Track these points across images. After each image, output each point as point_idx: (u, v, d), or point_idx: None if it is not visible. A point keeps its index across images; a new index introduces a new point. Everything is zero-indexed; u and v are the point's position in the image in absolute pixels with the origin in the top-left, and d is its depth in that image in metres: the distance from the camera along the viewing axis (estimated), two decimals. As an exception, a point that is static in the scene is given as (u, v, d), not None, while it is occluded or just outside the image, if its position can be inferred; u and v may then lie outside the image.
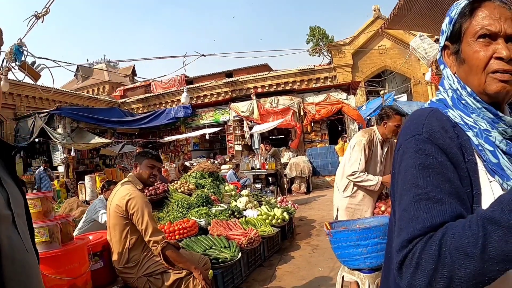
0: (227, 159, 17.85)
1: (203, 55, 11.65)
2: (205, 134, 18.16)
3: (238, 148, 19.77)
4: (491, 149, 1.13)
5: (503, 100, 1.21)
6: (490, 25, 1.15)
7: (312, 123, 18.70)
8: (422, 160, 1.09)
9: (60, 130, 16.46)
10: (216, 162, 17.04)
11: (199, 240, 5.34)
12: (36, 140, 16.63)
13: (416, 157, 1.10)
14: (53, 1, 6.19)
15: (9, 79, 10.43)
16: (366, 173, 4.40)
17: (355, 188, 4.54)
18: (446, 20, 1.27)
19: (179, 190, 7.55)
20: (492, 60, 1.15)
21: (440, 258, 0.92)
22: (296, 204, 9.20)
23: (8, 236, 1.32)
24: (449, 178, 1.07)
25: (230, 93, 21.54)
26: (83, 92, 28.36)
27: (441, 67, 1.33)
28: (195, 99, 22.15)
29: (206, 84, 22.52)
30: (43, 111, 17.19)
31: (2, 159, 1.47)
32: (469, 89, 1.20)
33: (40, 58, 8.02)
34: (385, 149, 4.62)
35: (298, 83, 21.14)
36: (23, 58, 6.97)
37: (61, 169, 16.77)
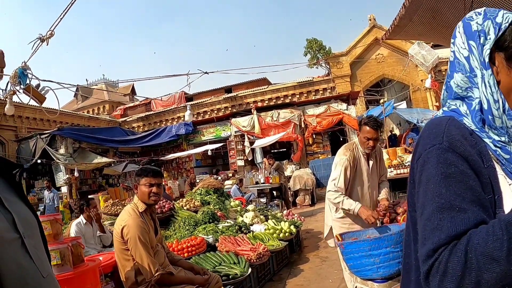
0: (230, 175, 17.86)
1: (206, 72, 11.69)
2: (207, 150, 18.18)
3: (241, 163, 19.78)
4: (508, 157, 1.13)
5: None
6: None
7: (314, 135, 18.77)
8: (444, 170, 1.09)
9: (62, 150, 16.46)
10: (219, 178, 17.04)
11: (208, 257, 5.33)
12: (39, 161, 16.61)
13: (438, 167, 1.10)
14: (58, 24, 6.24)
15: (14, 102, 10.45)
16: (343, 195, 4.19)
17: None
18: (488, 23, 1.21)
19: (185, 208, 7.54)
20: None
21: (466, 264, 0.93)
22: (302, 217, 9.19)
23: (16, 261, 1.26)
24: (471, 186, 1.07)
25: (230, 109, 21.56)
26: (83, 112, 28.40)
27: (487, 72, 1.21)
28: (195, 116, 22.15)
29: (206, 100, 22.55)
30: (44, 132, 17.16)
31: (4, 178, 1.42)
32: (507, 105, 1.17)
33: (45, 80, 8.07)
34: (371, 163, 4.43)
35: (298, 96, 21.17)
36: (27, 81, 6.98)
37: (64, 189, 16.71)
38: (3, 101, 13.32)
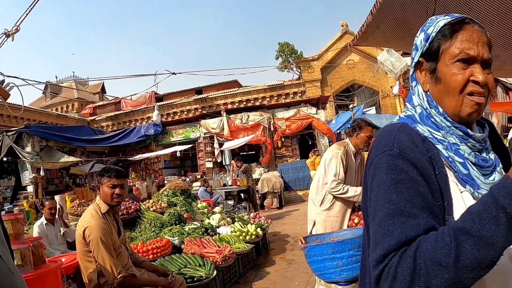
0: (199, 176, 17.79)
1: (173, 73, 11.64)
2: (176, 151, 18.05)
3: (210, 165, 19.69)
4: (461, 161, 1.16)
5: (472, 122, 1.24)
6: (470, 49, 1.17)
7: (283, 138, 18.80)
8: (394, 176, 1.11)
9: (28, 148, 16.08)
10: (187, 179, 16.95)
11: (173, 259, 5.31)
12: (4, 159, 16.20)
13: (388, 173, 1.13)
14: (23, 19, 6.13)
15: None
16: (345, 185, 4.48)
17: (333, 200, 4.60)
18: (421, 36, 1.29)
19: (151, 209, 7.49)
20: (468, 83, 1.17)
21: (415, 270, 0.95)
22: (269, 220, 9.22)
23: None
24: (421, 192, 1.09)
25: (200, 110, 21.44)
26: (52, 109, 27.86)
27: (413, 83, 1.33)
28: (165, 116, 21.97)
29: (176, 101, 22.35)
30: (11, 129, 16.71)
31: None
32: (441, 109, 1.23)
33: (10, 76, 7.90)
34: (358, 161, 4.74)
35: (268, 99, 21.20)
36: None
37: (30, 189, 16.33)
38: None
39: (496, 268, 0.93)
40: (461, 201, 1.13)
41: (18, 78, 8.49)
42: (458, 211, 1.10)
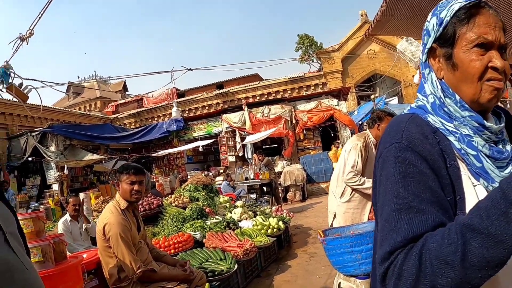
0: (221, 171, 17.83)
1: (190, 69, 11.68)
2: (198, 146, 18.14)
3: (232, 159, 19.76)
4: (474, 153, 1.12)
5: (490, 109, 1.21)
6: (487, 34, 1.13)
7: (305, 131, 18.73)
8: (402, 169, 1.08)
9: (53, 148, 16.36)
10: (210, 174, 17.03)
11: (194, 253, 5.36)
12: (29, 159, 16.52)
13: (396, 166, 1.10)
14: (36, 24, 6.23)
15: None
16: (363, 176, 4.44)
17: (353, 192, 4.57)
18: (433, 20, 1.23)
19: (173, 204, 7.56)
20: (487, 69, 1.13)
21: (421, 268, 0.92)
22: (292, 213, 9.22)
23: (1, 256, 1.31)
24: (430, 187, 1.06)
25: (221, 105, 21.52)
26: (75, 109, 28.28)
27: (425, 71, 1.28)
28: (187, 112, 22.13)
29: (197, 97, 22.49)
30: (35, 129, 17.06)
31: None
32: (458, 97, 1.18)
33: (28, 79, 8.04)
34: None
35: (289, 92, 21.16)
36: (10, 80, 6.97)
37: (55, 187, 16.65)
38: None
39: (508, 266, 0.87)
40: (474, 195, 1.09)
41: (36, 80, 8.66)
42: (470, 206, 1.03)
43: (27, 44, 6.57)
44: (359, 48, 23.76)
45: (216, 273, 4.84)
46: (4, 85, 6.81)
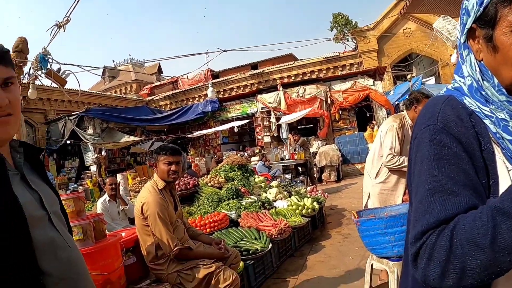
0: (257, 151, 17.86)
1: (224, 50, 11.71)
2: (234, 127, 18.22)
3: (267, 139, 19.80)
4: (510, 138, 1.10)
5: None
6: None
7: (340, 111, 18.57)
8: (437, 151, 1.09)
9: (90, 131, 16.73)
10: (245, 154, 17.12)
11: (230, 232, 5.44)
12: (68, 142, 16.97)
13: (431, 148, 1.10)
14: (72, 11, 6.36)
15: (37, 85, 10.72)
16: (402, 156, 4.42)
17: (388, 173, 4.57)
18: (473, 0, 1.16)
19: (209, 184, 7.67)
20: None
21: (451, 249, 0.93)
22: (326, 193, 9.21)
23: (46, 234, 1.37)
24: (464, 169, 1.06)
25: (256, 85, 21.48)
26: (111, 92, 28.77)
27: (464, 52, 1.24)
28: (222, 93, 22.22)
29: (232, 77, 22.51)
30: (73, 113, 17.51)
31: (29, 162, 1.52)
32: (496, 81, 1.14)
33: (65, 64, 8.24)
34: None
35: (324, 71, 20.93)
36: (48, 66, 7.16)
37: (93, 168, 17.05)
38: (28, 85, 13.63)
39: None
40: (508, 179, 1.07)
41: (73, 65, 8.88)
42: (504, 190, 1.01)
43: (64, 30, 6.72)
44: (395, 27, 23.28)
45: (250, 252, 4.91)
46: (43, 71, 7.01)
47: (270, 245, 5.25)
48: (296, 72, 21.34)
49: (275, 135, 19.16)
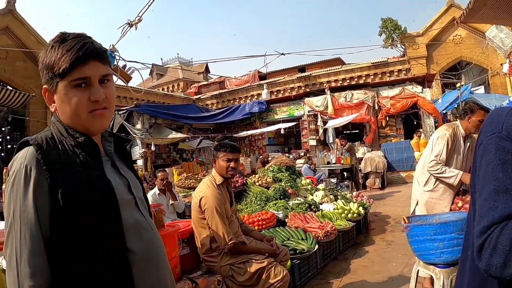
0: (302, 154, 17.85)
1: (282, 54, 11.81)
2: (280, 128, 18.31)
3: (313, 142, 19.75)
4: None
5: None
6: None
7: (387, 118, 18.33)
8: (501, 156, 1.20)
9: (138, 126, 17.10)
10: (291, 156, 17.19)
11: (277, 231, 5.53)
12: (115, 135, 17.33)
13: (496, 153, 1.21)
14: (146, 10, 6.64)
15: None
16: (445, 166, 4.46)
17: (437, 182, 4.59)
18: None
19: (257, 183, 7.80)
20: None
21: None
22: (372, 199, 9.20)
23: (133, 217, 1.54)
24: None
25: (303, 88, 21.49)
26: (158, 89, 29.34)
27: None
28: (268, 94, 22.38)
29: (279, 79, 22.57)
30: (121, 108, 17.91)
31: (117, 150, 1.68)
32: None
33: (130, 61, 8.58)
34: (467, 144, 4.63)
35: (372, 77, 20.71)
36: (115, 62, 7.45)
37: (139, 162, 17.39)
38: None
39: None
40: None
41: (137, 62, 9.19)
42: None
43: (136, 29, 7.00)
44: (445, 33, 22.68)
45: (297, 251, 5.00)
46: (110, 67, 7.29)
47: (316, 246, 5.31)
48: (344, 77, 21.23)
49: (322, 139, 19.12)
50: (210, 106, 24.71)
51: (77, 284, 1.36)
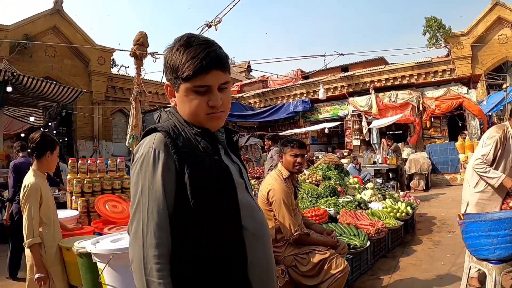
0: (345, 153, 17.89)
1: (341, 54, 11.95)
2: (325, 128, 18.39)
3: (356, 142, 19.83)
4: None
5: None
6: None
7: (432, 119, 18.20)
8: None
9: (184, 123, 17.40)
10: (335, 156, 17.25)
11: (329, 227, 5.67)
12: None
13: None
14: (227, 13, 6.86)
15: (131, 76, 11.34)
16: (490, 167, 4.56)
17: (486, 184, 4.66)
18: None
19: (307, 181, 8.00)
20: None
21: None
22: (418, 200, 9.23)
23: (245, 198, 1.71)
24: None
25: (346, 88, 21.44)
26: (201, 87, 29.76)
27: None
28: (311, 94, 22.43)
29: (322, 79, 22.53)
30: (167, 105, 18.18)
31: (227, 141, 1.85)
32: None
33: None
34: None
35: (416, 77, 20.39)
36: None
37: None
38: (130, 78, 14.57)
39: None
40: None
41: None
42: None
43: (216, 30, 7.25)
44: (490, 33, 22.10)
45: (351, 247, 5.15)
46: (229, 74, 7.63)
47: (368, 242, 5.45)
48: (387, 76, 21.01)
49: (366, 139, 19.15)
50: (252, 104, 24.90)
51: (198, 256, 1.55)
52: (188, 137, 1.62)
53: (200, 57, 1.55)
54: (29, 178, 3.63)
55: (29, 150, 4.03)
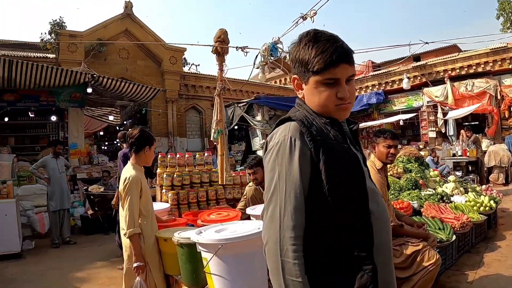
0: (421, 146, 17.42)
1: (426, 43, 11.66)
2: (400, 120, 18.06)
3: (432, 134, 19.27)
4: None
5: None
6: None
7: (511, 108, 17.36)
8: None
9: (258, 117, 17.57)
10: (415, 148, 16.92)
11: (414, 220, 5.69)
12: (236, 127, 18.30)
13: None
14: (323, 5, 6.92)
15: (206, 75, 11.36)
16: None
17: None
18: None
19: (388, 173, 7.97)
20: None
21: None
22: (501, 194, 8.94)
23: (370, 185, 1.78)
24: None
25: (419, 78, 20.80)
26: (271, 82, 29.98)
27: None
28: (383, 85, 21.98)
29: (394, 69, 22.01)
30: (241, 101, 18.62)
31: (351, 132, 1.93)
32: None
33: (287, 53, 8.94)
34: None
35: (491, 64, 19.36)
36: (278, 54, 7.91)
37: (259, 153, 17.77)
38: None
39: None
40: None
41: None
42: None
43: (313, 22, 7.36)
44: None
45: (437, 240, 5.05)
46: (271, 58, 7.74)
47: (454, 236, 5.39)
48: (461, 65, 20.08)
49: (443, 131, 18.59)
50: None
51: (331, 245, 1.63)
52: (320, 126, 1.71)
53: (330, 52, 1.63)
54: (129, 171, 3.87)
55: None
